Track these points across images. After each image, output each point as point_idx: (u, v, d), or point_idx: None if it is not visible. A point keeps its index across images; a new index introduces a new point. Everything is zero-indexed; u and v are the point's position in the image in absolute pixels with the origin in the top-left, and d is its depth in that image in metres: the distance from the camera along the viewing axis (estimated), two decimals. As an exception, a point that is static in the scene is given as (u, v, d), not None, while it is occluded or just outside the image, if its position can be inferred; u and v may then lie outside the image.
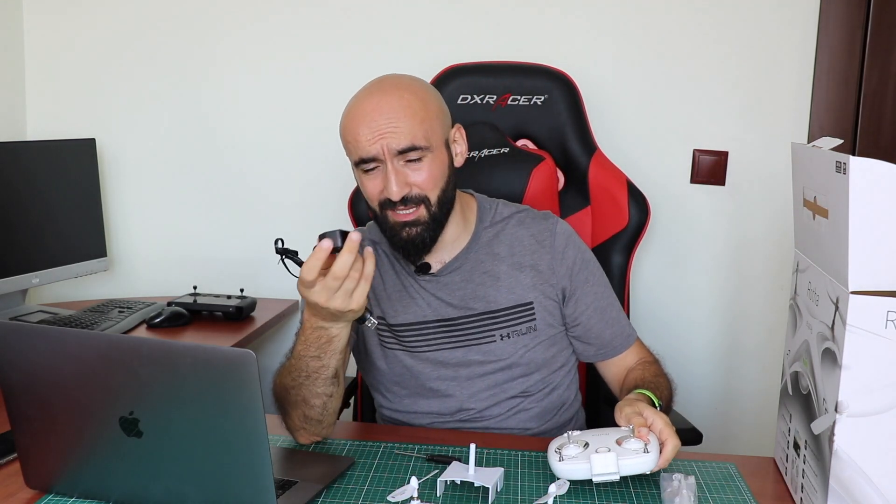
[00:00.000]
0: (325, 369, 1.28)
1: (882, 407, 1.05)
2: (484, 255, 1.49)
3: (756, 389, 2.28)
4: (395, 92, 1.38)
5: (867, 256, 1.03)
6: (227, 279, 2.31)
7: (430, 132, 1.37)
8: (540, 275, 1.48)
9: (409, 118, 1.35)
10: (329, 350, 1.27)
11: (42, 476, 1.15)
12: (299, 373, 1.29)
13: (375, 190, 1.38)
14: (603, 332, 1.51)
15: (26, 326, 1.13)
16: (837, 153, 1.06)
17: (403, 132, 1.34)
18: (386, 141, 1.34)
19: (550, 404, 1.51)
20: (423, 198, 1.38)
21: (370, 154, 1.35)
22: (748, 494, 1.24)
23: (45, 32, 2.31)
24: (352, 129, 1.37)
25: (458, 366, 1.47)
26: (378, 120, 1.34)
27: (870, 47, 2.13)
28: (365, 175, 1.39)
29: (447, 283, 1.48)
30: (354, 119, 1.37)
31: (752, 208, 2.22)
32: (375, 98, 1.37)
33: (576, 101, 1.88)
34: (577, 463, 1.19)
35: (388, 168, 1.35)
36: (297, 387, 1.30)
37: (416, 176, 1.37)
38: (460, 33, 2.20)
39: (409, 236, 1.39)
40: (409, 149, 1.35)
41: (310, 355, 1.27)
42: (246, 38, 2.27)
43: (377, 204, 1.40)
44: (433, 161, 1.38)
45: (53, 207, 2.06)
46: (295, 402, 1.31)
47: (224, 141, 2.31)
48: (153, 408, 1.04)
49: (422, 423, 1.50)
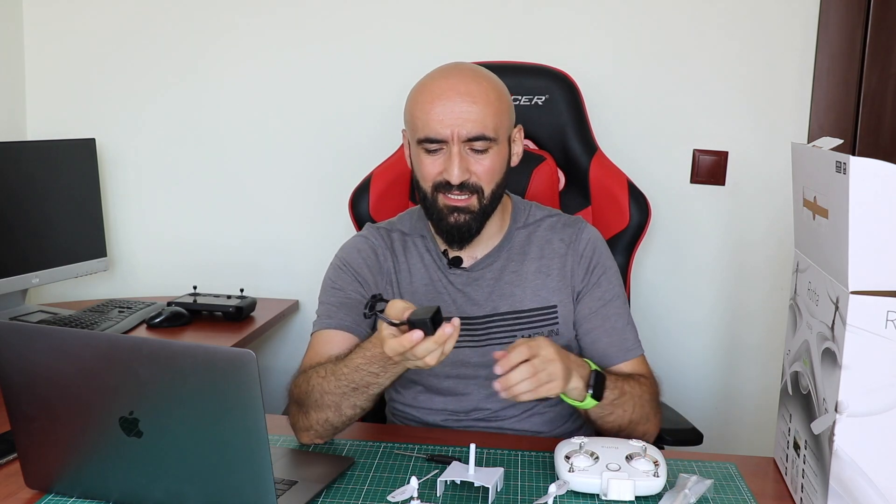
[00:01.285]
0: (378, 387, 1.28)
1: (882, 407, 1.05)
2: (515, 255, 1.49)
3: (756, 389, 2.28)
4: (474, 77, 1.38)
5: (867, 256, 1.03)
6: (227, 279, 2.31)
7: (498, 125, 1.37)
8: (564, 278, 1.48)
9: (485, 106, 1.35)
10: (391, 371, 1.25)
11: (42, 476, 1.15)
12: (350, 383, 1.27)
13: (434, 170, 1.38)
14: (599, 338, 1.46)
15: (26, 326, 1.13)
16: (837, 153, 1.06)
17: (476, 119, 1.34)
18: (458, 126, 1.34)
19: (564, 409, 1.50)
20: (478, 188, 1.38)
21: (439, 136, 1.35)
22: (748, 494, 1.24)
23: (45, 32, 2.31)
24: (423, 107, 1.36)
25: (478, 366, 1.45)
26: (454, 100, 1.34)
27: (870, 47, 2.13)
28: (426, 154, 1.38)
29: (476, 278, 1.47)
30: (428, 96, 1.36)
31: (752, 208, 2.22)
32: (454, 79, 1.36)
33: (576, 102, 1.88)
34: (588, 477, 1.19)
35: (452, 151, 1.35)
36: (338, 394, 1.28)
37: (477, 166, 1.37)
38: (461, 33, 2.20)
39: (457, 222, 1.39)
40: (478, 137, 1.35)
41: (370, 370, 1.26)
42: (246, 39, 2.27)
43: (431, 184, 1.39)
44: (496, 154, 1.38)
45: (53, 207, 2.06)
46: (324, 405, 1.29)
47: (224, 141, 2.31)
48: (153, 408, 1.04)
49: (435, 421, 1.49)
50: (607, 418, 1.36)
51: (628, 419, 1.36)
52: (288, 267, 2.33)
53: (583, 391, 1.29)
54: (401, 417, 1.54)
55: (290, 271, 2.33)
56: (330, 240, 2.26)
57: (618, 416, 1.35)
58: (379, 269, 1.49)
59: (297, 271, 2.32)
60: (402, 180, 1.86)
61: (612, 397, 1.33)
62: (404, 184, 1.86)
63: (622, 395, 1.35)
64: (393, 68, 2.22)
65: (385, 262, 1.50)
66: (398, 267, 1.50)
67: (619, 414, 1.35)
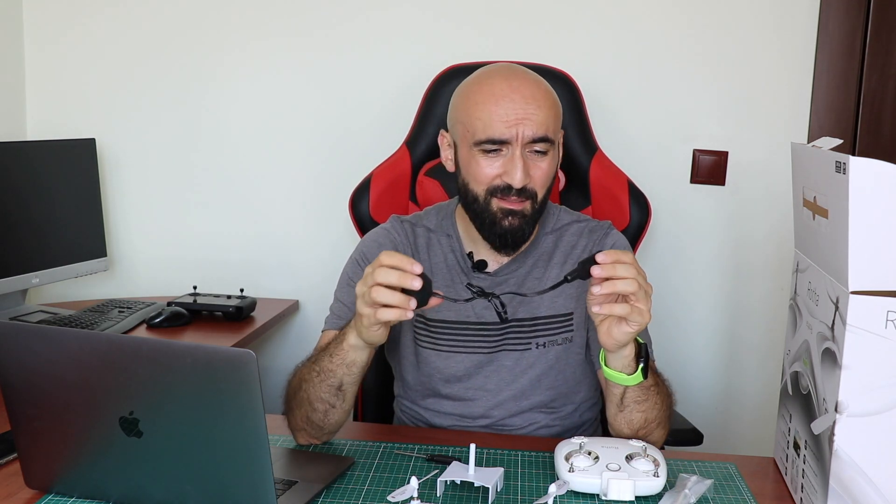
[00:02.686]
0: (331, 375, 1.27)
1: (882, 407, 1.05)
2: (540, 262, 1.47)
3: (756, 389, 2.28)
4: (534, 79, 1.36)
5: (867, 256, 1.03)
6: (227, 279, 2.31)
7: (556, 128, 1.37)
8: (583, 284, 1.45)
9: (548, 108, 1.34)
10: (339, 356, 1.25)
11: (42, 476, 1.15)
12: (317, 367, 1.28)
13: (492, 173, 1.35)
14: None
15: (26, 326, 1.13)
16: (837, 153, 1.06)
17: (541, 120, 1.32)
18: (523, 127, 1.31)
19: (572, 421, 1.49)
20: (534, 193, 1.36)
21: (503, 137, 1.32)
22: (748, 494, 1.24)
23: (45, 32, 2.31)
24: (486, 107, 1.33)
25: (489, 374, 1.44)
26: (518, 102, 1.32)
27: (870, 47, 2.13)
28: (483, 156, 1.35)
29: (499, 283, 1.45)
30: (490, 96, 1.33)
31: (752, 208, 2.22)
32: (516, 81, 1.34)
33: (576, 102, 1.88)
34: (588, 477, 1.19)
35: (515, 154, 1.33)
36: (308, 382, 1.29)
37: (536, 169, 1.35)
38: (461, 33, 2.20)
39: (511, 225, 1.37)
40: (542, 139, 1.33)
41: (328, 352, 1.27)
42: (246, 38, 2.27)
43: (486, 188, 1.36)
44: (552, 157, 1.37)
45: (53, 207, 2.06)
46: (301, 400, 1.30)
47: (224, 140, 2.31)
48: (153, 408, 1.04)
49: (441, 423, 1.48)
50: (640, 406, 1.28)
51: (655, 416, 1.30)
52: (288, 267, 2.33)
53: (632, 363, 1.24)
54: (408, 415, 1.53)
55: (290, 271, 2.33)
56: (330, 240, 2.28)
57: (649, 406, 1.29)
58: None
59: (298, 271, 2.33)
60: (402, 180, 1.86)
61: (651, 381, 1.27)
62: (404, 184, 1.86)
63: (657, 384, 1.30)
64: (393, 68, 2.23)
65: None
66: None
67: (651, 405, 1.29)
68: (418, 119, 1.90)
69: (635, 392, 1.28)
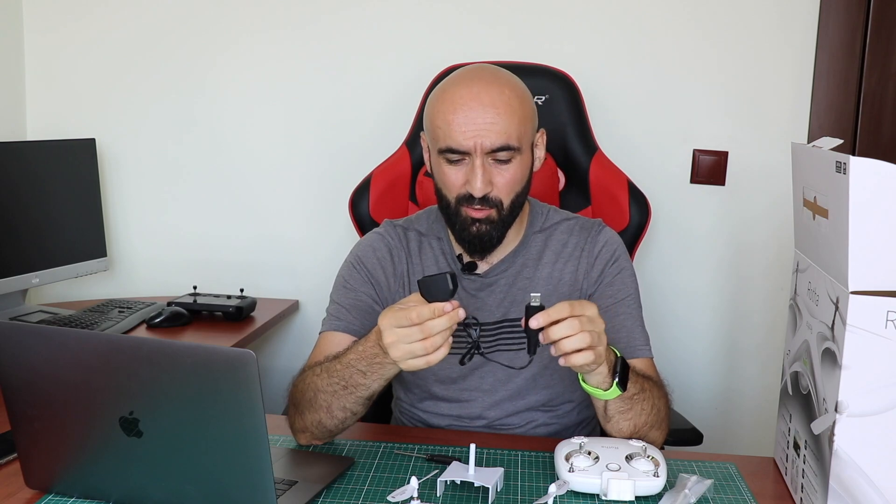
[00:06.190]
0: (365, 389, 1.25)
1: (882, 407, 1.05)
2: (530, 261, 1.47)
3: (756, 389, 2.28)
4: (497, 85, 1.34)
5: (867, 256, 1.03)
6: (227, 279, 2.31)
7: (522, 133, 1.34)
8: (575, 283, 1.45)
9: (508, 116, 1.32)
10: (377, 372, 1.23)
11: (42, 476, 1.15)
12: (340, 380, 1.26)
13: (458, 182, 1.35)
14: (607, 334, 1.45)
15: (26, 326, 1.13)
16: (837, 153, 1.06)
17: (500, 130, 1.31)
18: (481, 138, 1.30)
19: (570, 420, 1.49)
20: (498, 201, 1.35)
21: (462, 147, 1.32)
22: (748, 494, 1.24)
23: (45, 32, 2.31)
24: (445, 116, 1.32)
25: (484, 375, 1.45)
26: (476, 111, 1.30)
27: (870, 47, 2.13)
28: (448, 165, 1.35)
29: (490, 284, 1.45)
30: (450, 105, 1.32)
31: (752, 208, 2.22)
32: (476, 87, 1.32)
33: (576, 102, 1.88)
34: (588, 477, 1.19)
35: (475, 163, 1.32)
36: (329, 393, 1.27)
37: (499, 177, 1.34)
38: (461, 33, 2.20)
39: (479, 232, 1.37)
40: (502, 148, 1.32)
41: (358, 368, 1.24)
42: (246, 38, 2.27)
43: (455, 195, 1.36)
44: (519, 164, 1.35)
45: (53, 207, 2.06)
46: (317, 406, 1.28)
47: (224, 140, 2.31)
48: (153, 408, 1.04)
49: (439, 424, 1.48)
50: (625, 416, 1.28)
51: (644, 421, 1.30)
52: (288, 267, 2.33)
53: (608, 378, 1.23)
54: (407, 417, 1.53)
55: (290, 271, 2.33)
56: (330, 240, 2.28)
57: (635, 414, 1.28)
58: (393, 271, 1.47)
59: (298, 271, 2.33)
60: (402, 180, 1.86)
61: (633, 391, 1.27)
62: (404, 184, 1.86)
63: (642, 391, 1.29)
64: (393, 68, 2.23)
65: (399, 264, 1.48)
66: (412, 269, 1.48)
67: (637, 412, 1.29)
68: (418, 119, 1.90)
69: (617, 404, 1.27)
